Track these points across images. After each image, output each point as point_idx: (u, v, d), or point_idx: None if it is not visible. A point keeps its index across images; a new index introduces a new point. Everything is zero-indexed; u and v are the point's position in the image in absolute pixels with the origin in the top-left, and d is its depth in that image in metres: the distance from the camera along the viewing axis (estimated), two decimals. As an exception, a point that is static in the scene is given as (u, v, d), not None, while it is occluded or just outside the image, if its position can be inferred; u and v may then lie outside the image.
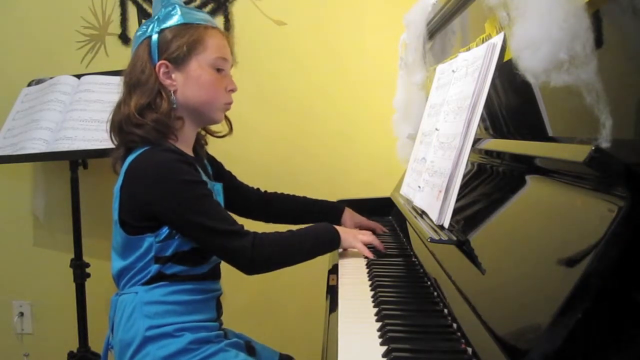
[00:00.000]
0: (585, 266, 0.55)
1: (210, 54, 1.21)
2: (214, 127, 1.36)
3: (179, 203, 1.12)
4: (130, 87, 1.20)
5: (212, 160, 1.41)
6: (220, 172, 1.42)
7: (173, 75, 1.20)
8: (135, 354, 1.12)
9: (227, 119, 1.33)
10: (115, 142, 1.24)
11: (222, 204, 1.29)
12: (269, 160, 2.13)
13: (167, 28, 1.20)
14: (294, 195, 1.54)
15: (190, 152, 1.25)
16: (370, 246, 1.30)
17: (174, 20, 1.21)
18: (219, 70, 1.23)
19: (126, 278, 1.18)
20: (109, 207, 1.22)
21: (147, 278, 1.16)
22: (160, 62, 1.19)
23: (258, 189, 1.53)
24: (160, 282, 1.15)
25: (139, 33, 1.24)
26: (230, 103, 1.27)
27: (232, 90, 1.27)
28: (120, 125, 1.19)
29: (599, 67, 0.61)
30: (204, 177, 1.21)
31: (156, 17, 1.22)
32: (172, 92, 1.20)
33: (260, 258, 1.15)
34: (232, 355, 1.15)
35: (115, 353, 1.18)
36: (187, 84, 1.20)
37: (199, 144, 1.33)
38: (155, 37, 1.20)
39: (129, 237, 1.16)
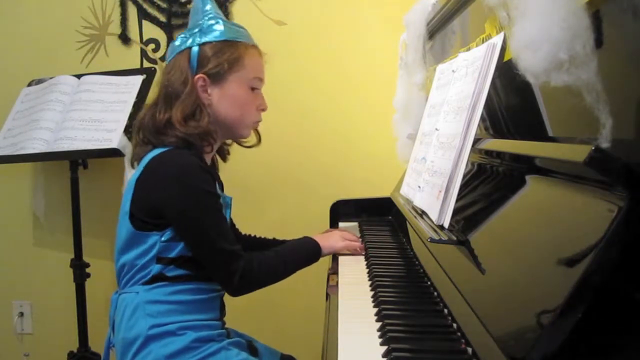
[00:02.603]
0: (585, 266, 0.55)
1: (247, 73, 1.24)
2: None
3: (191, 208, 1.14)
4: (169, 97, 1.20)
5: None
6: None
7: (209, 90, 1.21)
8: (138, 352, 1.12)
9: (255, 130, 1.35)
10: (144, 140, 1.22)
11: (230, 216, 1.30)
12: (269, 160, 2.12)
13: (208, 42, 1.21)
14: (266, 238, 1.48)
15: (208, 162, 1.27)
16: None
17: (216, 35, 1.22)
18: (253, 89, 1.26)
19: (128, 276, 1.18)
20: (109, 207, 1.23)
21: (148, 278, 1.15)
22: (199, 75, 1.20)
23: (241, 233, 1.48)
24: (161, 282, 1.15)
25: (178, 43, 1.24)
26: (259, 121, 1.30)
27: (263, 110, 1.30)
28: (157, 128, 1.18)
29: (599, 67, 0.61)
30: (218, 190, 1.23)
31: (198, 28, 1.23)
32: (206, 105, 1.21)
33: (245, 285, 1.18)
34: (234, 354, 1.15)
35: (117, 352, 1.18)
36: (221, 100, 1.22)
37: (219, 154, 1.36)
38: (195, 49, 1.21)
39: (135, 231, 1.16)
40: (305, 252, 1.30)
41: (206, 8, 1.26)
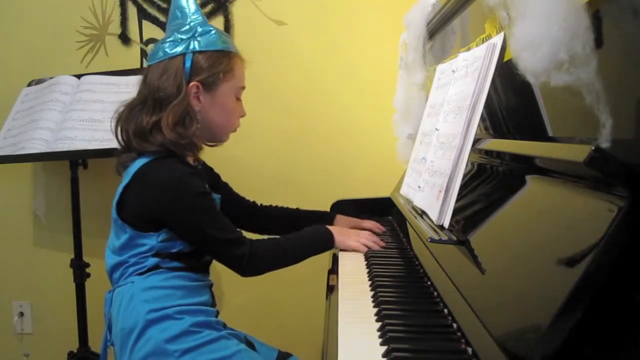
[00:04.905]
0: (585, 266, 0.55)
1: (236, 82, 1.28)
2: None
3: (191, 214, 1.18)
4: (160, 100, 1.21)
5: (209, 169, 1.45)
6: (217, 182, 1.46)
7: (201, 97, 1.24)
8: (137, 339, 1.14)
9: None
10: (125, 144, 1.24)
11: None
12: (269, 160, 2.13)
13: (204, 51, 1.23)
14: (285, 208, 1.57)
15: (192, 162, 1.30)
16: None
17: (212, 44, 1.24)
18: (237, 97, 1.30)
19: (120, 270, 1.21)
20: (109, 207, 1.23)
21: (144, 269, 1.19)
22: (194, 83, 1.22)
23: (254, 202, 1.55)
24: (156, 270, 1.19)
25: (170, 47, 1.23)
26: (238, 127, 1.34)
27: (243, 116, 1.34)
28: (143, 132, 1.20)
29: (599, 67, 0.61)
30: (208, 188, 1.27)
31: (189, 33, 1.24)
32: (197, 112, 1.23)
33: (255, 264, 1.24)
34: (234, 344, 1.18)
35: (116, 345, 1.19)
36: (211, 108, 1.25)
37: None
38: (190, 56, 1.22)
39: (134, 232, 1.19)
40: (316, 240, 1.33)
41: (192, 10, 1.27)
